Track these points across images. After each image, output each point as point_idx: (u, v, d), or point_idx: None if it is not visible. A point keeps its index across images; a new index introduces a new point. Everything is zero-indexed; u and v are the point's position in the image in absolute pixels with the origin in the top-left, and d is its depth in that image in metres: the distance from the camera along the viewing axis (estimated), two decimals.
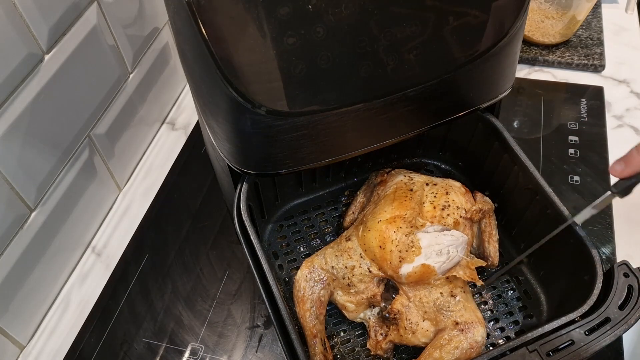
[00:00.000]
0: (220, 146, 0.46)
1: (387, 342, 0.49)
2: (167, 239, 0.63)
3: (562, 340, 0.39)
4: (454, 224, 0.50)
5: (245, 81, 0.38)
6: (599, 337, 0.38)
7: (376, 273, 0.49)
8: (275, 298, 0.44)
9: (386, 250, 0.48)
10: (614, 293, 0.40)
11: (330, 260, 0.51)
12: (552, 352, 0.38)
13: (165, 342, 0.54)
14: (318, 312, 0.49)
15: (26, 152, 0.51)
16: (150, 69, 0.70)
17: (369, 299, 0.50)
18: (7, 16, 0.46)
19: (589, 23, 0.82)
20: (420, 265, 0.47)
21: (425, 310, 0.48)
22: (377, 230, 0.49)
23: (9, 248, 0.51)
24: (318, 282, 0.50)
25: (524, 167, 0.50)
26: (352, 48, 0.38)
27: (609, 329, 0.38)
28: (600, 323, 0.39)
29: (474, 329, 0.46)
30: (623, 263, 0.41)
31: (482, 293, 0.54)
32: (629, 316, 0.39)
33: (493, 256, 0.53)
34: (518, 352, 0.38)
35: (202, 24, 0.36)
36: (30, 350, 0.56)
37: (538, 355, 0.38)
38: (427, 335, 0.48)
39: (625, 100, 0.73)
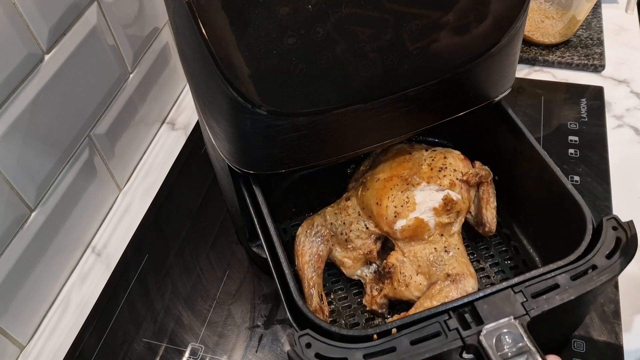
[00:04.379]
0: (220, 146, 0.46)
1: (381, 297, 0.50)
2: (167, 239, 0.63)
3: (548, 283, 0.39)
4: (450, 184, 0.51)
5: (245, 81, 0.38)
6: (584, 282, 0.38)
7: (373, 230, 0.51)
8: (272, 238, 0.45)
9: (382, 206, 0.49)
10: (601, 243, 0.40)
11: (330, 217, 0.53)
12: (536, 294, 0.38)
13: (165, 342, 0.54)
14: (316, 266, 0.50)
15: (26, 152, 0.51)
16: (150, 69, 0.70)
17: (366, 255, 0.51)
18: (7, 16, 0.46)
19: (589, 23, 0.82)
20: (414, 219, 0.48)
21: (419, 265, 0.49)
22: (374, 188, 0.51)
23: (9, 248, 0.51)
24: (317, 238, 0.52)
25: (520, 134, 0.51)
26: (352, 48, 0.38)
27: (595, 276, 0.39)
28: (587, 270, 0.39)
29: (465, 280, 0.47)
30: (612, 217, 0.42)
31: (477, 255, 0.55)
32: (615, 265, 0.39)
33: (490, 222, 0.53)
34: (503, 292, 0.38)
35: (202, 24, 0.36)
36: (30, 350, 0.56)
37: (523, 296, 0.38)
38: (420, 289, 0.49)
39: (625, 100, 0.73)
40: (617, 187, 0.63)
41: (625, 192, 0.63)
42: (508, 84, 0.50)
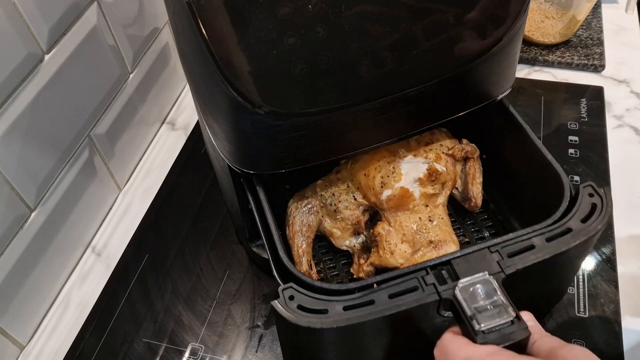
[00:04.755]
0: (220, 146, 0.46)
1: (368, 265, 0.52)
2: (167, 239, 0.63)
3: (524, 244, 0.40)
4: (436, 157, 0.52)
5: (245, 81, 0.38)
6: (558, 244, 0.39)
7: (361, 201, 0.53)
8: (262, 203, 0.46)
9: (370, 177, 0.51)
10: (577, 208, 0.42)
11: (320, 190, 0.54)
12: (512, 254, 0.39)
13: (165, 342, 0.54)
14: (306, 235, 0.52)
15: (26, 152, 0.51)
16: (150, 69, 0.70)
17: (354, 226, 0.53)
18: (7, 16, 0.46)
19: (589, 23, 0.82)
20: (399, 189, 0.50)
21: (404, 233, 0.50)
22: (363, 161, 0.53)
23: (9, 248, 0.51)
24: (307, 209, 0.53)
25: (504, 110, 0.52)
26: (352, 48, 0.38)
27: (570, 238, 0.40)
28: (562, 232, 0.40)
29: (447, 246, 0.49)
30: (589, 184, 0.43)
31: (463, 230, 0.57)
32: (590, 228, 0.40)
33: (476, 197, 0.54)
34: (480, 252, 0.39)
35: (201, 24, 0.36)
36: (30, 350, 0.56)
37: (499, 255, 0.39)
38: (404, 256, 0.50)
39: (625, 100, 0.73)
40: (617, 187, 0.63)
41: (625, 192, 0.63)
42: (508, 83, 0.50)
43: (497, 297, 0.36)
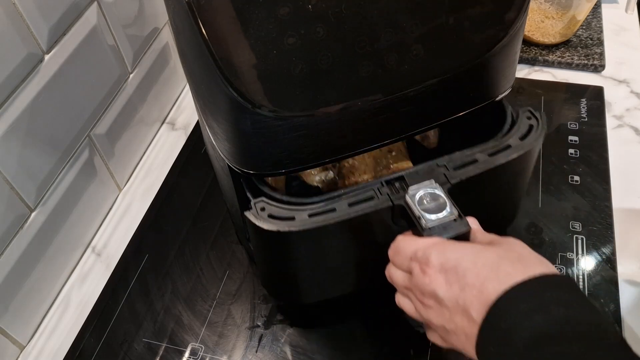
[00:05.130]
0: (220, 146, 0.46)
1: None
2: (167, 239, 0.63)
3: (468, 159, 0.45)
4: None
5: (245, 81, 0.38)
6: (499, 158, 0.45)
7: None
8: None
9: None
10: (517, 129, 0.47)
11: None
12: (457, 167, 0.44)
13: (165, 342, 0.54)
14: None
15: (26, 152, 0.51)
16: (150, 69, 0.70)
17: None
18: (7, 16, 0.46)
19: (589, 23, 0.82)
20: None
21: (367, 164, 0.54)
22: None
23: (9, 248, 0.51)
24: None
25: None
26: (352, 48, 0.39)
27: (509, 152, 0.45)
28: (502, 149, 0.45)
29: (403, 168, 0.51)
30: (527, 109, 0.48)
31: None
32: (526, 144, 0.46)
33: (432, 137, 0.57)
34: (429, 165, 0.44)
35: (201, 24, 0.36)
36: (30, 350, 0.56)
37: (445, 169, 0.44)
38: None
39: (625, 100, 0.73)
40: (617, 187, 0.63)
41: (625, 191, 0.63)
42: (508, 83, 0.50)
43: (442, 201, 0.40)
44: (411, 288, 0.39)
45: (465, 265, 0.35)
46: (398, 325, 0.54)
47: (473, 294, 0.34)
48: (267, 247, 0.47)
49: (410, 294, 0.40)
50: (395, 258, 0.41)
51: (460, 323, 0.35)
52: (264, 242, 0.46)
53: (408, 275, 0.40)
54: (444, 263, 0.36)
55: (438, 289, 0.36)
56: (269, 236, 0.42)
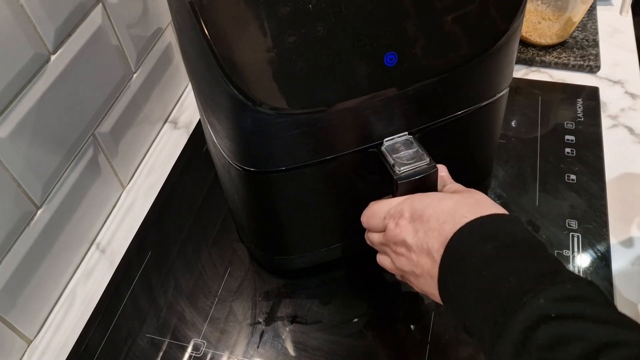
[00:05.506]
0: (222, 144, 0.47)
1: None
2: (169, 237, 0.64)
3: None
4: None
5: (246, 79, 0.38)
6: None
7: None
8: None
9: None
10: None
11: None
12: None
13: (168, 337, 0.55)
14: None
15: (33, 151, 0.52)
16: (153, 69, 0.71)
17: None
18: (14, 17, 0.47)
19: (585, 25, 0.83)
20: None
21: None
22: None
23: (16, 244, 0.52)
24: None
25: None
26: (352, 46, 0.39)
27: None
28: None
29: None
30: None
31: None
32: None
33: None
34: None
35: (203, 24, 0.36)
36: (37, 344, 0.56)
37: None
38: None
39: (619, 101, 0.74)
40: (612, 186, 0.64)
41: (620, 190, 0.64)
42: (506, 83, 0.51)
43: (415, 149, 0.44)
44: (386, 242, 0.43)
45: (429, 212, 0.39)
46: (400, 322, 0.55)
47: (434, 236, 0.38)
48: (254, 194, 0.50)
49: (387, 248, 0.44)
50: (370, 222, 0.45)
51: (425, 265, 0.39)
52: (252, 189, 0.49)
53: (383, 234, 0.44)
54: (412, 213, 0.41)
55: (407, 237, 0.40)
56: (255, 179, 0.46)
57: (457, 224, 0.37)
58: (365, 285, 0.58)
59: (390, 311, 0.56)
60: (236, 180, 0.50)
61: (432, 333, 0.53)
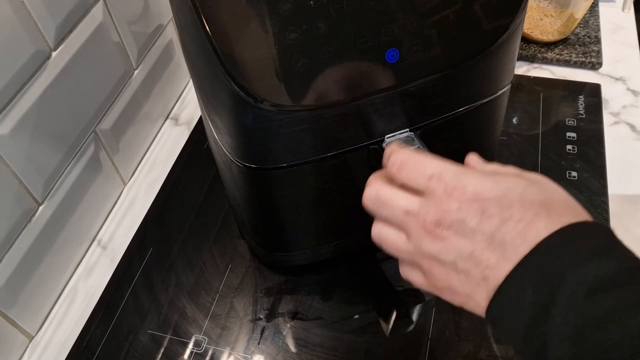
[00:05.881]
0: (223, 141, 0.47)
1: None
2: (170, 233, 0.64)
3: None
4: None
5: (247, 76, 0.38)
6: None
7: None
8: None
9: None
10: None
11: None
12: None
13: (170, 333, 0.55)
14: None
15: (34, 148, 0.52)
16: (154, 65, 0.71)
17: None
18: (15, 14, 0.47)
19: (587, 21, 0.83)
20: None
21: None
22: None
23: (18, 241, 0.52)
24: None
25: None
26: (354, 43, 0.39)
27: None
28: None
29: None
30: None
31: None
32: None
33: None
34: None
35: (205, 20, 0.36)
36: (39, 340, 0.57)
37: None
38: None
39: (621, 98, 0.74)
40: (613, 183, 0.64)
41: (621, 187, 0.64)
42: (507, 80, 0.51)
43: (417, 146, 0.43)
44: (415, 212, 0.33)
45: (512, 198, 0.30)
46: (401, 318, 0.55)
47: (517, 229, 0.29)
48: (255, 190, 0.49)
49: (411, 219, 0.33)
50: (404, 171, 0.35)
51: (487, 261, 0.30)
52: (253, 186, 0.48)
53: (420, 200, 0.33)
54: (480, 192, 0.31)
55: (469, 218, 0.31)
56: (257, 176, 0.46)
57: (555, 223, 0.29)
58: (366, 281, 0.58)
59: (391, 307, 0.56)
60: (237, 177, 0.50)
61: (432, 329, 0.53)
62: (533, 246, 0.28)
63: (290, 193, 0.49)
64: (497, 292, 0.29)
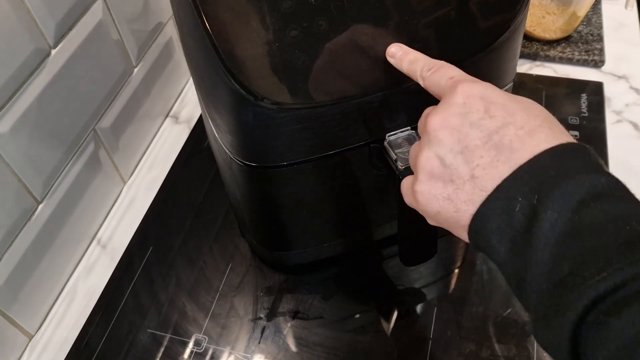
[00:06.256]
0: (223, 139, 0.47)
1: None
2: (170, 232, 0.64)
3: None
4: None
5: (247, 74, 0.38)
6: None
7: None
8: None
9: None
10: None
11: None
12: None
13: (170, 332, 0.55)
14: None
15: (33, 146, 0.52)
16: (154, 63, 0.70)
17: None
18: (15, 12, 0.46)
19: (589, 19, 0.82)
20: None
21: None
22: None
23: (18, 239, 0.52)
24: None
25: None
26: (355, 41, 0.39)
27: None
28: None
29: None
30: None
31: None
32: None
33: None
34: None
35: (205, 17, 0.36)
36: (39, 339, 0.56)
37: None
38: None
39: (624, 96, 0.73)
40: None
41: None
42: (509, 77, 0.50)
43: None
44: (427, 113, 0.33)
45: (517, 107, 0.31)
46: (402, 318, 0.55)
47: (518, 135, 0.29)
48: (256, 189, 0.49)
49: (422, 119, 0.34)
50: (435, 75, 0.35)
51: (479, 159, 0.30)
52: (253, 184, 0.48)
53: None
54: (489, 95, 0.31)
55: (471, 113, 0.30)
56: (257, 175, 0.46)
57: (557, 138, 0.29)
58: (367, 280, 0.58)
59: (392, 307, 0.55)
60: (238, 176, 0.49)
61: (434, 329, 0.53)
62: (532, 154, 0.28)
63: (291, 191, 0.49)
64: (488, 196, 0.29)
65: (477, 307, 0.54)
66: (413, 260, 0.51)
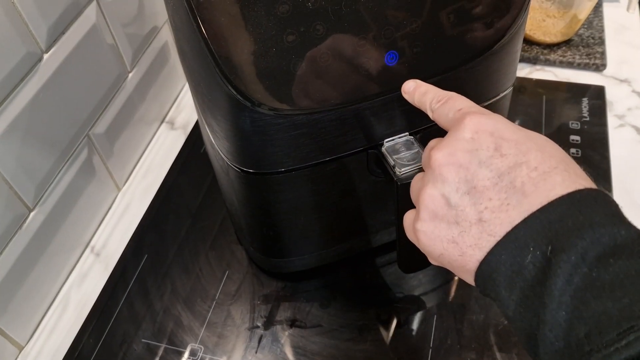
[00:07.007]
0: (220, 145, 0.46)
1: None
2: (166, 239, 0.63)
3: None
4: None
5: (244, 79, 0.38)
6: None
7: None
8: None
9: None
10: None
11: None
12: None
13: (165, 342, 0.54)
14: None
15: (25, 152, 0.51)
16: (149, 68, 0.70)
17: None
18: (6, 15, 0.46)
19: (591, 22, 0.82)
20: None
21: None
22: None
23: (8, 248, 0.51)
24: None
25: None
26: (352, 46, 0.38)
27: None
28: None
29: None
30: None
31: None
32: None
33: None
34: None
35: (201, 22, 0.36)
36: (29, 350, 0.56)
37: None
38: None
39: (626, 100, 0.73)
40: (618, 187, 0.63)
41: (627, 191, 0.63)
42: (509, 82, 0.50)
43: (416, 150, 0.43)
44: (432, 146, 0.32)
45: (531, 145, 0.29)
46: (401, 326, 0.54)
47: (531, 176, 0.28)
48: (253, 195, 0.49)
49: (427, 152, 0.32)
50: (444, 106, 0.34)
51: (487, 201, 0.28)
52: (250, 191, 0.49)
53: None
54: (500, 130, 0.29)
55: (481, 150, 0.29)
56: (254, 181, 0.46)
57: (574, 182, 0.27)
58: (366, 288, 0.57)
59: (391, 315, 0.55)
60: (234, 182, 0.49)
61: (434, 337, 0.53)
62: (546, 199, 0.26)
63: (289, 198, 0.49)
64: (498, 242, 0.27)
65: (478, 315, 0.54)
66: (412, 267, 0.51)
